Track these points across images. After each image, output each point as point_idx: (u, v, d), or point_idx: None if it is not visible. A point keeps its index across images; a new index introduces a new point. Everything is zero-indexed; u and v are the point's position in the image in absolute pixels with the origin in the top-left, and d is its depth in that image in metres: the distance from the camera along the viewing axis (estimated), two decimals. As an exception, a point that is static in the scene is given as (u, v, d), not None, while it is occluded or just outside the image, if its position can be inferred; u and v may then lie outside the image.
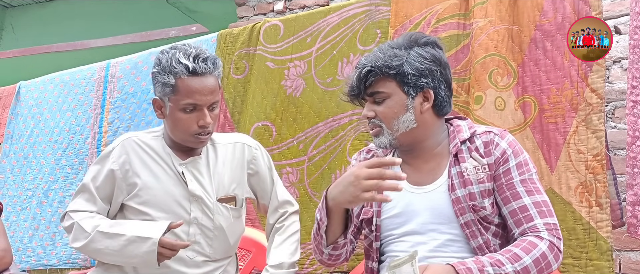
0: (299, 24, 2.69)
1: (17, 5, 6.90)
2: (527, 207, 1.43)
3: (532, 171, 1.50)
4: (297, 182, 2.53)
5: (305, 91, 2.60)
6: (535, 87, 2.13)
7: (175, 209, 1.72)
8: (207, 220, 1.74)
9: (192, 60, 1.62)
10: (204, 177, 1.75)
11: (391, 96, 1.51)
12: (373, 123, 1.54)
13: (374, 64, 1.50)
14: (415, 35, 1.57)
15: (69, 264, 3.07)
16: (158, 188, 1.73)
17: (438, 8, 2.37)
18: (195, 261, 1.73)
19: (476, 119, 2.14)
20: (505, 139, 1.52)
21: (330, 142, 2.49)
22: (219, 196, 1.76)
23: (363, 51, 2.49)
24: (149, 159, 1.75)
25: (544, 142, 2.08)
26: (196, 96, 1.64)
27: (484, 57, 2.19)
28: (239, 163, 1.83)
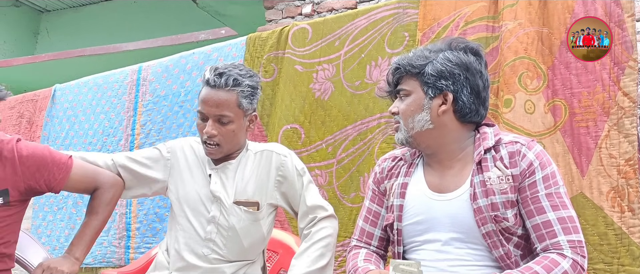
0: (327, 28, 2.71)
1: (52, 10, 7.10)
2: (551, 222, 1.40)
3: (559, 184, 1.45)
4: (326, 185, 2.55)
5: (334, 94, 2.62)
6: (565, 91, 2.11)
7: (198, 206, 1.85)
8: (223, 220, 1.82)
9: (211, 72, 1.78)
10: (229, 180, 1.85)
11: (411, 94, 1.55)
12: (395, 119, 1.59)
13: (400, 62, 1.56)
14: (457, 40, 1.58)
15: (103, 263, 3.15)
16: (190, 188, 1.87)
17: (466, 11, 2.37)
18: (209, 258, 1.81)
19: (505, 122, 2.13)
20: (533, 150, 1.48)
21: (359, 145, 2.50)
22: (237, 199, 1.83)
23: (391, 54, 2.50)
24: (192, 162, 1.91)
25: (575, 146, 2.06)
26: (203, 105, 1.78)
27: (513, 60, 2.17)
28: (265, 170, 1.87)
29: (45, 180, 1.73)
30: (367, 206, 1.71)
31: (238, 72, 1.78)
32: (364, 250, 1.66)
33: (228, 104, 1.76)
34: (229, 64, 1.83)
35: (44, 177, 1.72)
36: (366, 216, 1.70)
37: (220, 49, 3.06)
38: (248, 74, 1.80)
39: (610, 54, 2.05)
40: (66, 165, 1.75)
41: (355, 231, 1.73)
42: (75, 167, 1.77)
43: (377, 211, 1.68)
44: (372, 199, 1.70)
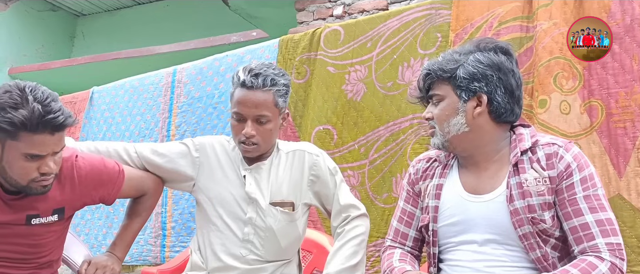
0: (359, 29, 2.73)
1: (87, 13, 7.27)
2: (589, 225, 1.38)
3: (597, 186, 1.43)
4: (358, 186, 2.57)
5: (366, 95, 2.64)
6: (602, 91, 2.09)
7: (234, 208, 1.85)
8: (260, 221, 1.83)
9: (246, 73, 1.77)
10: (263, 181, 1.86)
11: (445, 99, 1.54)
12: (430, 124, 1.59)
13: (430, 68, 1.55)
14: (485, 40, 1.57)
15: (140, 261, 3.23)
16: (223, 188, 1.87)
17: (500, 11, 2.36)
18: (247, 259, 1.82)
19: (540, 123, 2.12)
20: (570, 151, 1.46)
21: (391, 146, 2.51)
22: (273, 200, 1.84)
23: (423, 55, 2.50)
24: (224, 161, 1.90)
25: (612, 147, 2.04)
26: (240, 106, 1.77)
27: (548, 60, 2.16)
28: (298, 170, 1.89)
29: (100, 196, 1.77)
30: (401, 206, 1.72)
31: (273, 71, 1.80)
32: (399, 250, 1.67)
33: (266, 104, 1.77)
34: (261, 63, 1.83)
35: (100, 194, 1.76)
36: (401, 216, 1.71)
37: (253, 51, 3.10)
38: (281, 73, 1.83)
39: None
40: (119, 180, 1.78)
41: (389, 232, 1.74)
42: (126, 180, 1.81)
43: (412, 212, 1.69)
44: (407, 200, 1.71)
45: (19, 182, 1.55)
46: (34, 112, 1.47)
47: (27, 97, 1.48)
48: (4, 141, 1.51)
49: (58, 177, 1.66)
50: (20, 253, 1.68)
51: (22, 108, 1.47)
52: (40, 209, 1.65)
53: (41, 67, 6.35)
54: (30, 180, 1.55)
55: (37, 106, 1.48)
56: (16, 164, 1.52)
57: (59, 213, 1.70)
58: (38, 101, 1.49)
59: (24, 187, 1.57)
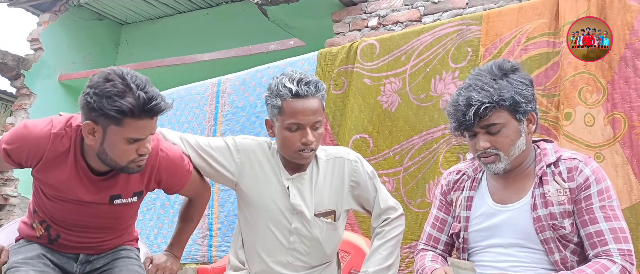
0: (394, 43, 2.90)
1: (131, 22, 7.60)
2: (603, 232, 1.53)
3: (613, 198, 1.58)
4: (394, 191, 2.73)
5: (401, 106, 2.81)
6: (625, 105, 2.21)
7: (279, 217, 1.91)
8: (306, 231, 1.90)
9: (295, 84, 1.81)
10: (306, 192, 1.92)
11: (506, 125, 1.60)
12: (488, 152, 1.63)
13: (490, 99, 1.58)
14: (499, 63, 1.67)
15: (188, 259, 3.46)
16: (266, 196, 1.93)
17: (528, 27, 2.50)
18: (294, 266, 1.92)
19: (566, 134, 2.26)
20: (590, 166, 1.61)
21: (425, 154, 2.68)
22: (317, 211, 1.91)
23: (455, 69, 2.65)
24: (267, 168, 1.95)
25: (634, 157, 2.16)
26: (299, 116, 1.81)
27: (573, 75, 2.29)
28: (338, 177, 1.95)
29: (167, 185, 1.89)
30: (434, 214, 1.89)
31: (314, 77, 1.86)
32: (431, 253, 1.84)
33: (319, 109, 1.84)
34: (298, 72, 1.87)
35: (168, 184, 1.88)
36: (433, 222, 1.88)
37: (294, 63, 3.30)
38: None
39: (669, 69, 2.14)
40: (186, 179, 1.90)
41: (423, 236, 1.90)
42: (191, 180, 1.92)
43: (444, 219, 1.86)
44: (440, 208, 1.87)
45: (118, 163, 1.67)
46: (139, 100, 1.55)
47: (130, 84, 1.56)
48: (107, 126, 1.60)
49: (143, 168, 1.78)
50: (103, 225, 1.88)
51: (128, 96, 1.55)
52: (122, 191, 1.79)
53: (89, 74, 6.65)
54: (130, 161, 1.67)
55: (141, 93, 1.56)
56: (118, 147, 1.63)
57: (138, 195, 1.85)
58: (140, 88, 1.56)
59: (122, 168, 1.69)
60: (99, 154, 1.67)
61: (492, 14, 2.61)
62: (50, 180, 1.75)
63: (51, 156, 1.71)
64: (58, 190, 1.77)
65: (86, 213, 1.80)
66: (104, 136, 1.62)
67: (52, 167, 1.73)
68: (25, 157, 1.73)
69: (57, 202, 1.79)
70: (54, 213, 1.84)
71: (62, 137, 1.72)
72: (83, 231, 1.87)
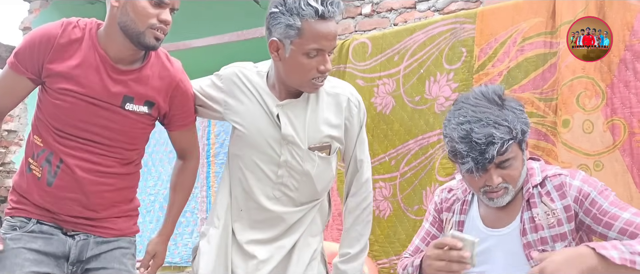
0: (386, 42, 2.81)
1: (123, 4, 7.49)
2: (632, 220, 1.47)
3: (612, 192, 1.54)
4: (391, 197, 2.69)
5: (395, 109, 2.73)
6: (624, 110, 2.13)
7: (266, 149, 1.74)
8: (296, 164, 1.74)
9: (320, 3, 1.59)
10: (299, 120, 1.74)
11: (516, 157, 1.54)
12: (499, 187, 1.56)
13: (511, 134, 1.50)
14: (493, 89, 1.58)
15: (189, 262, 3.46)
16: (252, 126, 1.75)
17: (524, 26, 2.40)
18: (281, 200, 1.78)
19: (563, 142, 2.19)
20: (577, 177, 1.56)
21: (421, 159, 2.62)
22: (312, 144, 1.75)
23: (449, 71, 2.57)
24: (249, 96, 1.77)
25: (634, 165, 2.09)
26: (322, 41, 1.61)
27: (571, 79, 2.21)
28: (338, 114, 1.79)
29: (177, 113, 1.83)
30: (426, 228, 1.84)
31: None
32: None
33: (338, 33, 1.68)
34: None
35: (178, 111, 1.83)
36: (424, 237, 1.83)
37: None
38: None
39: (670, 73, 2.05)
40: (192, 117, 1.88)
41: (409, 248, 1.85)
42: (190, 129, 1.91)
43: (436, 236, 1.81)
44: (433, 224, 1.83)
45: (139, 27, 1.65)
46: None
47: None
48: None
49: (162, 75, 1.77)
50: (109, 138, 1.76)
51: None
52: (135, 94, 1.74)
53: (84, 61, 6.61)
54: (149, 26, 1.65)
55: None
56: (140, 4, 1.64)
57: (149, 105, 1.77)
58: None
59: (140, 34, 1.66)
60: (120, 19, 1.66)
61: (486, 12, 2.51)
62: (62, 67, 1.69)
63: (63, 42, 1.69)
64: (69, 79, 1.70)
65: (94, 115, 1.72)
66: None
67: (65, 54, 1.70)
68: (36, 53, 1.69)
69: (65, 98, 1.70)
70: (58, 116, 1.72)
71: (74, 26, 1.72)
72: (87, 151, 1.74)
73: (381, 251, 2.69)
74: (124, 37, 1.69)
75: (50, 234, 1.76)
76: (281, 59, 1.67)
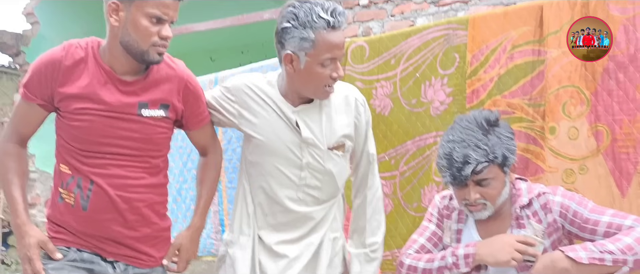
0: (382, 46, 2.92)
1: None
2: (611, 222, 1.69)
3: (590, 201, 1.77)
4: (391, 195, 2.86)
5: (393, 110, 2.87)
6: (608, 117, 2.27)
7: (287, 154, 1.86)
8: (318, 165, 1.88)
9: (330, 14, 1.71)
10: (315, 124, 1.87)
11: (495, 178, 1.75)
12: (477, 202, 1.78)
13: (487, 158, 1.70)
14: (485, 115, 1.78)
15: (204, 252, 3.68)
16: (271, 133, 1.86)
17: (513, 34, 2.51)
18: (305, 201, 1.91)
19: (550, 148, 2.34)
20: (558, 193, 1.79)
21: (418, 159, 2.77)
22: (330, 144, 1.88)
23: (443, 76, 2.69)
24: (263, 105, 1.88)
25: (617, 169, 2.24)
26: (335, 51, 1.75)
27: (557, 88, 2.34)
28: (349, 114, 1.94)
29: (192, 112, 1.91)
30: (432, 229, 2.01)
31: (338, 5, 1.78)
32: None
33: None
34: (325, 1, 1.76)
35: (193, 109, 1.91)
36: (430, 237, 2.00)
37: (287, 62, 3.33)
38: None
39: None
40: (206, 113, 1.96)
41: (412, 245, 2.01)
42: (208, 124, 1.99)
43: (441, 237, 2.00)
44: (438, 226, 2.02)
45: (141, 46, 1.70)
46: None
47: None
48: (131, 2, 1.67)
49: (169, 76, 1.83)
50: (134, 148, 1.80)
51: None
52: (148, 99, 1.80)
53: (88, 45, 6.70)
54: (152, 44, 1.71)
55: None
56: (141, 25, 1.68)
57: (164, 108, 1.83)
58: None
59: (144, 52, 1.71)
60: (121, 38, 1.71)
61: (477, 19, 2.62)
62: (74, 88, 1.75)
63: (69, 64, 1.74)
64: (83, 98, 1.75)
65: (114, 127, 1.78)
66: (128, 14, 1.68)
67: (74, 76, 1.75)
68: (44, 80, 1.76)
69: (83, 118, 1.76)
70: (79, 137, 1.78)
71: (76, 47, 1.77)
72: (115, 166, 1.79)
73: (384, 245, 2.88)
74: (126, 54, 1.75)
75: (91, 262, 1.81)
76: (296, 70, 1.79)
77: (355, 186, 2.08)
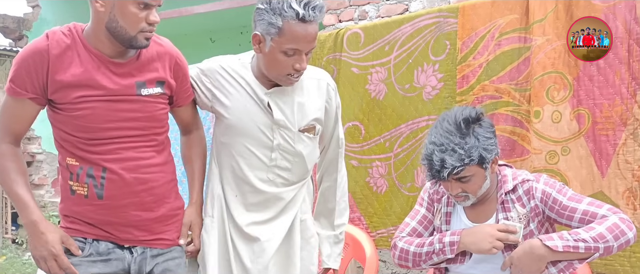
0: (377, 33, 3.04)
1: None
2: (587, 209, 1.81)
3: (569, 189, 1.89)
4: (386, 175, 3.01)
5: (387, 95, 3.00)
6: (589, 101, 2.40)
7: (258, 135, 1.86)
8: (289, 147, 1.89)
9: (302, 6, 1.69)
10: (287, 105, 1.87)
11: (475, 175, 1.85)
12: (459, 195, 1.90)
13: (462, 162, 1.79)
14: (466, 114, 1.86)
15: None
16: (243, 114, 1.86)
17: (500, 22, 2.62)
18: (275, 182, 1.92)
19: (535, 131, 2.48)
20: (540, 181, 1.91)
21: (412, 142, 2.92)
22: (301, 127, 1.89)
23: (435, 62, 2.82)
24: (237, 85, 1.87)
25: (597, 151, 2.39)
26: (300, 43, 1.72)
27: (541, 74, 2.47)
28: (320, 98, 1.95)
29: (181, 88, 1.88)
30: (423, 213, 2.13)
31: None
32: None
33: (317, 35, 1.79)
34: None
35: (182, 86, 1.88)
36: (421, 220, 2.12)
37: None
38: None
39: (629, 69, 2.30)
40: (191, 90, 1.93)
41: (405, 228, 2.13)
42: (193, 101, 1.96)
43: (431, 219, 2.14)
44: (428, 209, 2.14)
45: (128, 33, 1.66)
46: None
47: None
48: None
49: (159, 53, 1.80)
50: (139, 128, 1.77)
51: None
52: (145, 78, 1.76)
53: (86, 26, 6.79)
54: (139, 30, 1.66)
55: None
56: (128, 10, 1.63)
57: (161, 85, 1.80)
58: None
59: (131, 39, 1.67)
60: (108, 24, 1.66)
61: (467, 7, 2.73)
62: (68, 76, 1.69)
63: (56, 53, 1.67)
64: (81, 86, 1.71)
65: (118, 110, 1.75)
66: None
67: (64, 64, 1.69)
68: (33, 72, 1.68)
69: (84, 105, 1.72)
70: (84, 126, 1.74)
71: (60, 34, 1.70)
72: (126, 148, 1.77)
73: (379, 222, 3.04)
74: (113, 39, 1.69)
75: (107, 254, 1.80)
76: (262, 52, 1.79)
77: (322, 169, 2.12)
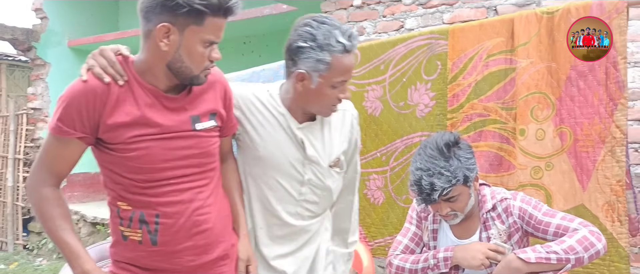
0: (372, 52, 3.20)
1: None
2: (560, 224, 1.99)
3: (544, 205, 2.06)
4: (383, 187, 3.18)
5: (383, 112, 3.17)
6: (570, 120, 2.56)
7: (289, 169, 1.86)
8: (318, 182, 1.90)
9: (347, 38, 1.71)
10: (318, 141, 1.88)
11: (461, 194, 2.02)
12: (449, 214, 2.06)
13: (450, 183, 1.94)
14: (446, 139, 2.02)
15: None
16: (275, 148, 1.84)
17: (488, 44, 2.79)
18: (303, 216, 1.93)
19: (520, 148, 2.64)
20: (517, 199, 2.09)
21: (406, 156, 3.08)
22: (330, 162, 1.92)
23: (427, 81, 2.98)
24: (269, 118, 1.85)
25: (578, 166, 2.55)
26: (348, 74, 1.76)
27: (526, 95, 2.63)
28: (345, 130, 1.98)
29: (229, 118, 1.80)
30: (413, 231, 2.31)
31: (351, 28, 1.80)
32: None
33: None
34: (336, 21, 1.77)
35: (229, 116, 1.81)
36: (412, 237, 2.31)
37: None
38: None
39: (606, 91, 2.46)
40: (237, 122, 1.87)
41: (398, 246, 2.29)
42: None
43: (421, 236, 2.31)
44: (418, 226, 2.31)
45: (193, 72, 1.58)
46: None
47: None
48: (186, 26, 1.51)
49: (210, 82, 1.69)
50: (194, 166, 1.66)
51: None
52: (199, 111, 1.67)
53: (97, 39, 6.98)
54: (204, 68, 1.59)
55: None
56: (195, 50, 1.54)
57: (213, 117, 1.71)
58: None
59: (193, 78, 1.60)
60: (171, 63, 1.56)
61: (456, 30, 2.89)
62: (123, 116, 1.58)
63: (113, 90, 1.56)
64: (137, 125, 1.59)
65: (174, 148, 1.63)
66: (181, 38, 1.52)
67: (120, 103, 1.58)
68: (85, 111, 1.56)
69: (139, 145, 1.59)
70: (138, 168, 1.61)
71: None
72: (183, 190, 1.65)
73: (377, 232, 3.21)
74: (171, 75, 1.60)
75: None
76: (305, 89, 1.76)
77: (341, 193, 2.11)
